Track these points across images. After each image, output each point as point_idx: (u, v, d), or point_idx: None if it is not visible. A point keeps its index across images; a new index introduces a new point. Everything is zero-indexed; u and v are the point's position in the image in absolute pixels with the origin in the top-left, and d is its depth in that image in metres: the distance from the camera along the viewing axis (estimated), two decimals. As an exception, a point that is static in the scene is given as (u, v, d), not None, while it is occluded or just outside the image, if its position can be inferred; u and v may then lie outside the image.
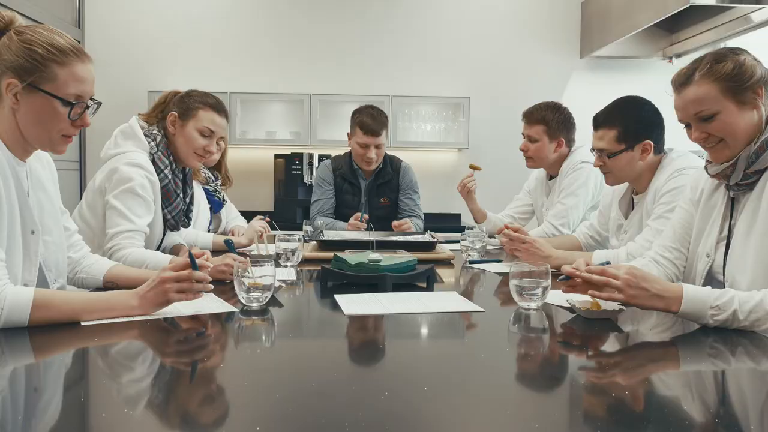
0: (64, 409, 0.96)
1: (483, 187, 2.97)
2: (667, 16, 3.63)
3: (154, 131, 2.22)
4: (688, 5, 3.35)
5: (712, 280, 1.69)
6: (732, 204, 1.65)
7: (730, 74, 1.54)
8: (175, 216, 2.25)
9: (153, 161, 2.17)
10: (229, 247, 1.91)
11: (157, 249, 2.26)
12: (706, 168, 1.68)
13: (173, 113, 2.24)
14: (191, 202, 2.39)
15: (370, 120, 3.14)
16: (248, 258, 1.70)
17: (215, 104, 2.28)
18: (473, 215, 3.10)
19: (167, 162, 2.21)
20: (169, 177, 2.20)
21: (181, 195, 2.29)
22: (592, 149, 2.23)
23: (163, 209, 2.21)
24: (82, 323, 1.35)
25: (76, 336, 1.31)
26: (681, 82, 1.62)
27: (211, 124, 2.25)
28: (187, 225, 2.39)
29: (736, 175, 1.58)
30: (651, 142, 2.12)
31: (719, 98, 1.55)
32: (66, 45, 1.46)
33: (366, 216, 3.06)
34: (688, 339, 1.41)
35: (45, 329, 1.32)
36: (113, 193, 2.07)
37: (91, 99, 1.51)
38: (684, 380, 1.18)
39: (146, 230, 2.11)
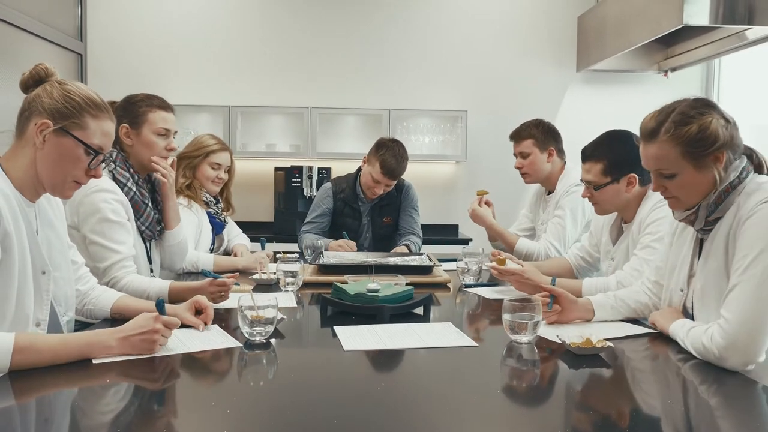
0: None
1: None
2: (660, 35, 3.68)
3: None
4: (681, 26, 3.40)
5: (687, 314, 1.74)
6: (701, 243, 1.70)
7: (692, 139, 1.55)
8: (149, 226, 2.26)
9: (114, 178, 2.16)
10: (206, 276, 1.94)
11: (149, 262, 2.29)
12: (673, 213, 1.72)
13: (123, 125, 2.22)
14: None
15: (394, 163, 3.09)
16: (248, 284, 1.76)
17: (161, 103, 2.29)
18: (489, 234, 3.09)
19: (128, 175, 2.20)
20: (134, 189, 2.20)
21: (150, 204, 2.27)
22: (581, 180, 2.30)
23: (135, 221, 2.21)
24: (94, 361, 1.41)
25: (86, 373, 1.37)
26: (646, 134, 1.64)
27: (163, 123, 2.26)
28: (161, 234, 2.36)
29: (699, 222, 1.64)
30: (636, 176, 2.16)
31: (679, 161, 1.58)
32: (101, 102, 1.60)
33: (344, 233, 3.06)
34: (674, 374, 1.47)
35: (56, 367, 1.38)
36: (88, 228, 2.06)
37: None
38: (671, 414, 1.24)
39: (133, 252, 2.12)
